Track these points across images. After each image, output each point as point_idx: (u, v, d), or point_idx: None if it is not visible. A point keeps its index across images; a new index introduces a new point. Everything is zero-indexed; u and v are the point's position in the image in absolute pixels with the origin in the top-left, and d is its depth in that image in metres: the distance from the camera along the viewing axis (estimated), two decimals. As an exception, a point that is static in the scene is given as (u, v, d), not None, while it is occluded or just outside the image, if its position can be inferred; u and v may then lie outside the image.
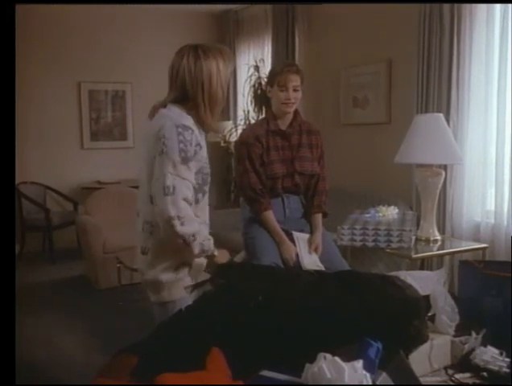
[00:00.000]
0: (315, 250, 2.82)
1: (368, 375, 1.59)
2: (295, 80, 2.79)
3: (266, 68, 6.03)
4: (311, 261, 2.78)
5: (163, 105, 2.08)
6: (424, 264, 3.88)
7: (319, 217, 2.93)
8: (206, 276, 2.25)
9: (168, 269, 2.10)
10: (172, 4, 6.52)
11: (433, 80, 4.07)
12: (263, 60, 6.09)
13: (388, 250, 3.27)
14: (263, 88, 5.90)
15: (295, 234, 2.87)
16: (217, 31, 7.13)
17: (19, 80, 3.79)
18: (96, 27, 6.47)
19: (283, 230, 2.84)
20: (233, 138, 6.08)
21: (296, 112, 2.91)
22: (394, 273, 2.32)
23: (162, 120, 2.02)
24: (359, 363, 1.58)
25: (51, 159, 6.41)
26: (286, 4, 5.69)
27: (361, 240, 3.27)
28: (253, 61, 6.10)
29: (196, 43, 2.07)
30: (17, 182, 5.71)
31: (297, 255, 2.78)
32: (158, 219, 1.98)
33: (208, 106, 2.05)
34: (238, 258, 2.84)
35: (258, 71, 5.93)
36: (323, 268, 2.74)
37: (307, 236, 2.88)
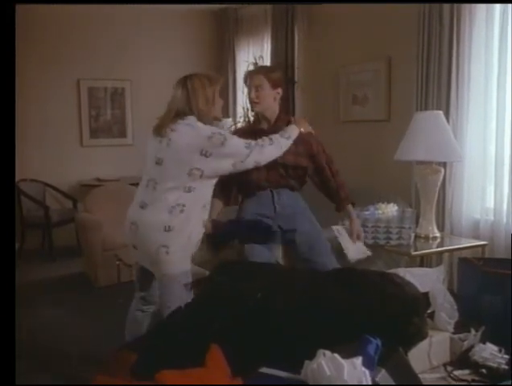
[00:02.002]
0: (358, 237, 3.02)
1: (367, 371, 1.59)
2: (257, 80, 2.86)
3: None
4: (357, 251, 3.00)
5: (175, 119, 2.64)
6: (423, 262, 3.88)
7: (350, 207, 3.08)
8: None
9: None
10: (172, 4, 6.52)
11: (432, 78, 4.06)
12: (262, 57, 6.08)
13: (387, 247, 3.28)
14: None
15: (334, 228, 3.10)
16: (217, 29, 7.12)
17: (19, 77, 3.78)
18: (95, 24, 6.45)
19: (271, 228, 2.91)
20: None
21: (281, 112, 2.93)
22: (393, 271, 2.32)
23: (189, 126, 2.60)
24: (358, 360, 1.58)
25: (51, 156, 6.40)
26: (286, 4, 5.69)
27: (360, 238, 3.26)
28: (253, 58, 6.08)
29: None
30: (16, 179, 5.70)
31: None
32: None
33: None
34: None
35: (257, 69, 5.92)
36: (370, 254, 3.03)
37: (343, 227, 3.11)
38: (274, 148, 2.70)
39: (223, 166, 2.60)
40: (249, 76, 2.93)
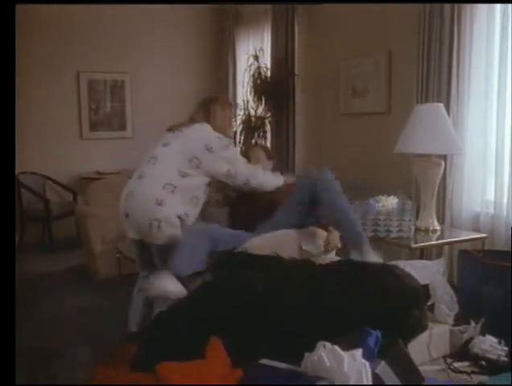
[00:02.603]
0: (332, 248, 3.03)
1: (367, 363, 1.60)
2: (256, 152, 3.46)
3: (266, 58, 6.02)
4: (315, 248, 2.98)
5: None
6: (423, 255, 3.88)
7: None
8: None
9: None
10: (172, 4, 6.50)
11: (433, 71, 4.05)
12: (263, 50, 6.06)
13: (387, 240, 3.28)
14: (263, 77, 5.89)
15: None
16: (217, 21, 7.09)
17: (18, 70, 3.77)
18: (95, 17, 6.43)
19: None
20: (232, 129, 6.06)
21: None
22: (393, 263, 2.32)
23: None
24: (358, 352, 1.59)
25: (51, 149, 6.39)
26: (286, 4, 5.67)
27: (360, 230, 3.26)
28: (253, 50, 6.07)
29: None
30: (16, 172, 5.70)
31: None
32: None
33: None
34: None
35: (257, 61, 5.91)
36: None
37: None
38: (268, 178, 3.06)
39: (219, 168, 2.89)
40: (251, 150, 3.46)
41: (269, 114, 5.97)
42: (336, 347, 1.56)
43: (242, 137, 6.03)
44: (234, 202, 3.30)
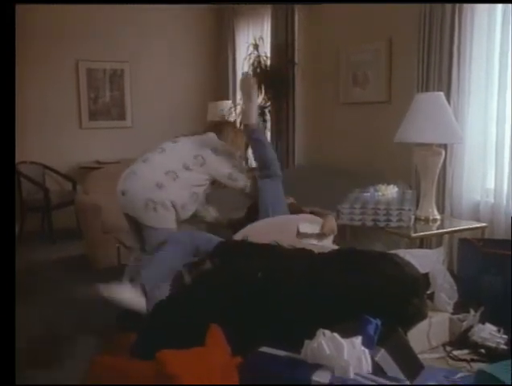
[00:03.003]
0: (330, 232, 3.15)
1: (366, 351, 1.60)
2: None
3: (266, 47, 5.99)
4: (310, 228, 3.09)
5: None
6: (423, 244, 3.88)
7: None
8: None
9: None
10: (172, 4, 6.46)
11: (434, 59, 4.03)
12: (262, 38, 6.02)
13: (387, 229, 3.27)
14: (262, 66, 5.86)
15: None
16: (216, 9, 7.05)
17: (17, 60, 3.75)
18: (94, 6, 6.38)
19: None
20: (232, 118, 6.05)
21: None
22: (393, 251, 2.32)
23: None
24: (358, 340, 1.59)
25: (50, 139, 6.38)
26: (286, 4, 5.63)
27: (360, 219, 3.27)
28: (253, 39, 6.04)
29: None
30: (16, 162, 5.69)
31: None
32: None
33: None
34: (238, 236, 2.84)
35: (257, 50, 5.87)
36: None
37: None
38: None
39: (221, 170, 3.09)
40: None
41: (269, 103, 5.95)
42: (336, 335, 1.57)
43: (242, 127, 6.01)
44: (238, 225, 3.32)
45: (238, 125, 5.20)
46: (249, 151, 6.12)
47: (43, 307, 3.87)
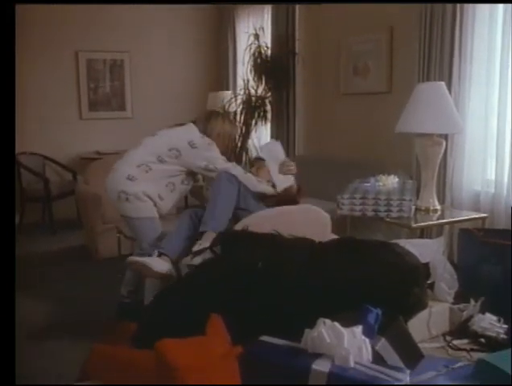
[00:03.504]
0: (288, 171, 3.32)
1: (367, 340, 1.60)
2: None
3: (266, 37, 5.96)
4: (284, 181, 3.29)
5: None
6: (424, 234, 3.88)
7: None
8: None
9: None
10: (172, 4, 6.42)
11: (435, 49, 4.01)
12: (263, 29, 5.99)
13: (388, 219, 3.27)
14: (263, 56, 5.84)
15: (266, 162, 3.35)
16: (216, -1, 7.01)
17: (17, 50, 3.74)
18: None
19: None
20: (233, 108, 6.03)
21: None
22: (393, 241, 2.32)
23: None
24: (358, 329, 1.59)
25: (50, 129, 6.36)
26: (286, 4, 5.60)
27: (360, 210, 3.26)
28: (253, 29, 6.01)
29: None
30: (16, 152, 5.68)
31: None
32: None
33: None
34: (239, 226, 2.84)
35: (257, 40, 5.85)
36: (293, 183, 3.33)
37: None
38: (250, 178, 3.14)
39: (197, 163, 3.13)
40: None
41: (269, 94, 5.93)
42: (337, 324, 1.57)
43: (243, 117, 6.01)
44: None
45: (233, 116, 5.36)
46: (250, 142, 6.14)
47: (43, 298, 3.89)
